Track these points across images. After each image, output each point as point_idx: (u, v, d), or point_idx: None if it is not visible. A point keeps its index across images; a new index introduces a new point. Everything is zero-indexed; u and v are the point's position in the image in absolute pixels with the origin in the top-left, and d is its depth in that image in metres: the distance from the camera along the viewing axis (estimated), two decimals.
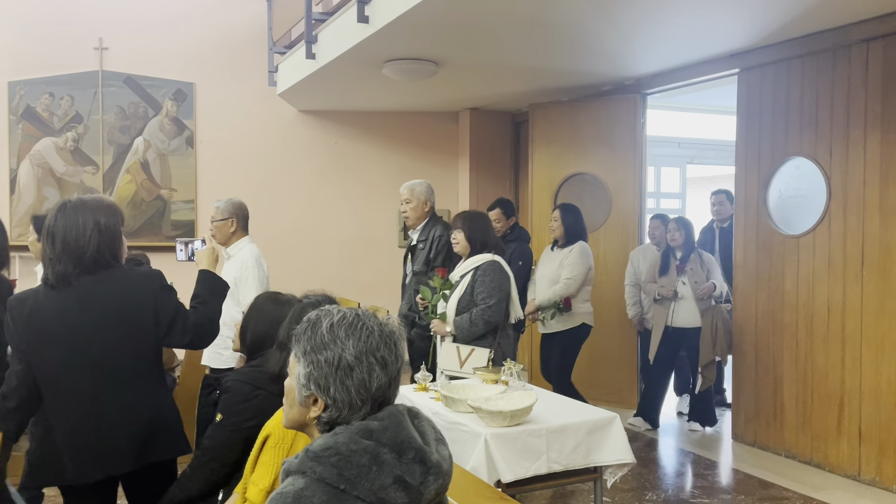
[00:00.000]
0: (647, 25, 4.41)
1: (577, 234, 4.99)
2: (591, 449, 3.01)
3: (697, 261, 5.26)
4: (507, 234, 5.10)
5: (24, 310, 2.32)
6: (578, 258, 4.90)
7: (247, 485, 1.93)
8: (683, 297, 5.23)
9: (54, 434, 2.31)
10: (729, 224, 5.87)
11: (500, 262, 3.83)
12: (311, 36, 5.50)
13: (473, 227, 3.88)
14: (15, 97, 6.62)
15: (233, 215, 3.98)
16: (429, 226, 4.41)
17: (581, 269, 4.88)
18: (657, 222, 5.83)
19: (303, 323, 1.45)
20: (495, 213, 5.10)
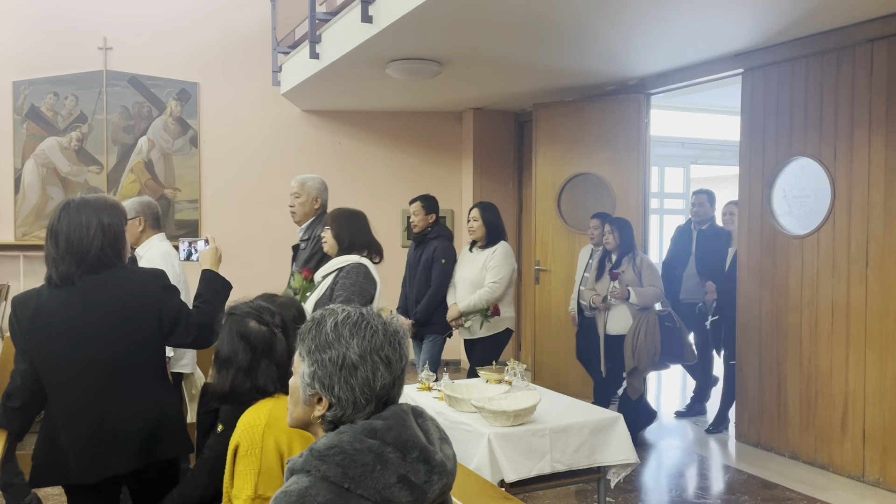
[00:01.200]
0: (651, 25, 4.40)
1: (498, 233, 4.72)
2: (594, 449, 3.01)
3: (630, 264, 4.99)
4: (427, 231, 4.90)
5: (27, 309, 2.32)
6: (503, 259, 4.61)
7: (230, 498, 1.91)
8: (614, 304, 4.96)
9: (58, 433, 2.32)
10: (709, 226, 5.76)
11: (367, 266, 3.53)
12: (315, 36, 5.51)
13: (342, 226, 3.58)
14: (19, 97, 6.64)
15: (140, 214, 3.80)
16: (314, 224, 4.14)
17: (507, 272, 4.60)
18: (596, 222, 5.49)
19: (308, 322, 1.46)
20: (415, 206, 4.93)
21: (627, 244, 5.07)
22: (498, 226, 4.75)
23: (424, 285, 4.81)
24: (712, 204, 5.84)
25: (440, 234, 4.92)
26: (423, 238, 4.95)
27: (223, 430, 2.14)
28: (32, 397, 2.36)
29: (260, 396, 1.99)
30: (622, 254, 5.05)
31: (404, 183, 7.54)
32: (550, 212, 6.40)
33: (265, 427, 1.85)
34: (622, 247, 5.06)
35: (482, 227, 4.70)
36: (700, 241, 5.78)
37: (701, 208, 5.79)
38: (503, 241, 4.71)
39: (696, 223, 5.85)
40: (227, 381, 2.01)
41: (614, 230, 5.09)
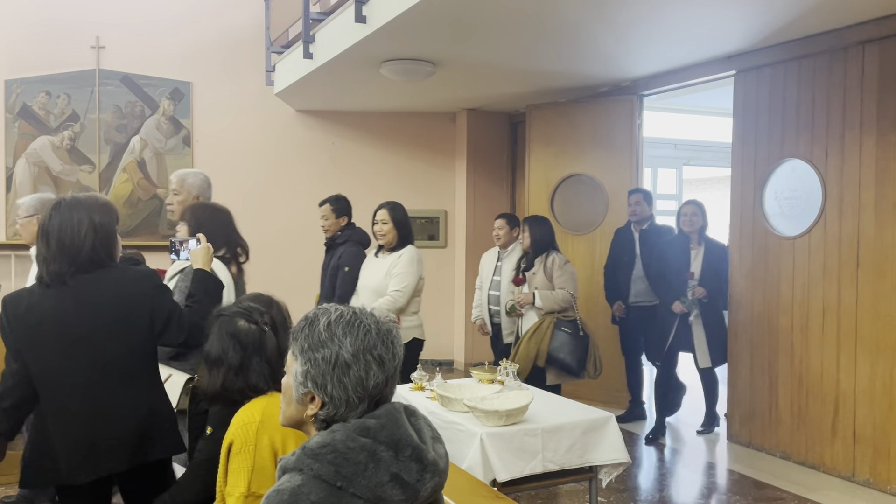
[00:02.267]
0: (643, 26, 4.42)
1: (406, 237, 4.35)
2: (586, 448, 3.02)
3: (541, 266, 4.66)
4: (337, 235, 4.67)
5: (19, 309, 2.31)
6: (408, 265, 4.21)
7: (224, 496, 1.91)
8: (524, 312, 4.70)
9: (49, 433, 2.31)
10: (649, 226, 5.53)
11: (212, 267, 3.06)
12: (309, 36, 5.50)
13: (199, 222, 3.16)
14: (11, 95, 6.62)
15: (39, 212, 3.70)
16: None
17: (412, 279, 4.20)
18: (501, 222, 5.18)
19: (301, 321, 1.46)
20: (324, 209, 4.69)
21: (541, 243, 4.72)
22: (407, 228, 4.38)
23: (331, 294, 4.55)
24: (649, 203, 5.58)
25: (350, 238, 4.64)
26: (332, 243, 4.71)
27: (213, 433, 2.14)
28: (23, 397, 2.35)
29: (252, 395, 1.99)
30: (535, 254, 4.72)
31: (398, 183, 7.54)
32: (544, 212, 6.40)
33: (259, 425, 1.85)
34: (535, 246, 4.71)
35: (392, 229, 4.31)
36: (644, 241, 5.51)
37: (638, 207, 5.50)
38: (410, 246, 4.32)
39: (636, 223, 5.56)
40: (217, 381, 2.01)
41: (526, 229, 4.76)
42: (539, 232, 4.72)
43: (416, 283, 4.25)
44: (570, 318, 4.53)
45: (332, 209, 4.71)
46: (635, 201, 5.54)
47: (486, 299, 5.14)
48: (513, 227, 5.12)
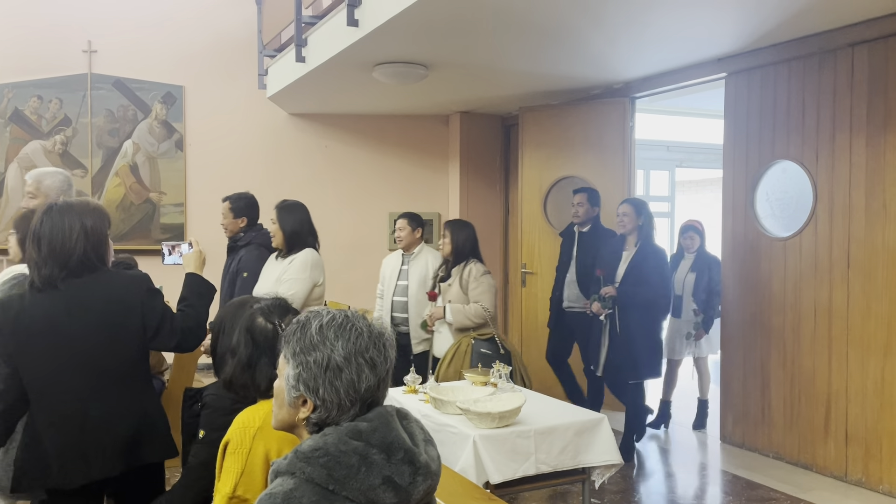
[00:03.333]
0: (635, 29, 4.44)
1: (300, 239, 3.93)
2: (579, 450, 3.03)
3: (458, 277, 4.25)
4: (238, 236, 4.32)
5: (10, 313, 2.31)
6: (299, 271, 3.80)
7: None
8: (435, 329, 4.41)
9: (41, 437, 2.31)
10: (590, 228, 5.20)
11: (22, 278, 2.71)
12: (301, 39, 5.50)
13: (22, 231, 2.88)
14: (3, 100, 6.59)
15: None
16: None
17: (302, 286, 3.79)
18: (402, 222, 4.82)
19: (292, 324, 1.46)
20: (223, 207, 4.39)
21: (462, 251, 4.26)
22: (301, 229, 3.93)
23: (228, 300, 4.18)
24: (594, 204, 5.21)
25: (252, 241, 4.28)
26: (234, 245, 4.36)
27: (205, 436, 2.14)
28: (15, 401, 2.35)
29: (255, 394, 1.99)
30: (454, 263, 4.28)
31: (391, 186, 7.55)
32: (537, 215, 6.43)
33: (257, 430, 1.85)
34: (456, 254, 4.27)
35: (279, 230, 3.95)
36: (581, 244, 5.24)
37: (580, 208, 5.16)
38: (308, 250, 3.90)
39: (578, 225, 5.26)
40: (229, 371, 2.01)
41: (447, 234, 4.30)
42: (461, 238, 4.28)
43: (309, 290, 3.82)
44: (487, 337, 4.04)
45: (229, 208, 4.34)
46: (578, 202, 5.19)
47: (390, 306, 4.79)
48: (415, 227, 4.72)
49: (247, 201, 4.40)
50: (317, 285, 3.89)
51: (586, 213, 5.19)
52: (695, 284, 5.47)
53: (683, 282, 5.54)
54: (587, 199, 5.20)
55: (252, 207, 4.41)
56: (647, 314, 4.69)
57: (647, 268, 4.67)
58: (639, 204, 4.88)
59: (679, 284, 5.55)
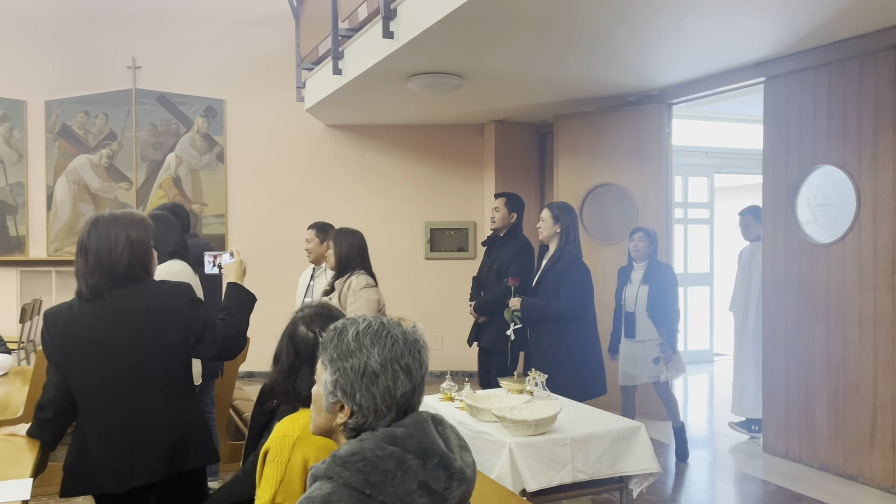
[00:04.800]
0: (671, 35, 4.41)
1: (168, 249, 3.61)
2: (616, 458, 3.00)
3: (339, 291, 3.88)
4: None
5: (59, 322, 2.38)
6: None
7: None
8: None
9: (88, 443, 2.37)
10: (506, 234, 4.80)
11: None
12: (338, 52, 5.59)
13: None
14: (52, 116, 6.82)
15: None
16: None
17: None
18: (311, 233, 4.47)
19: (329, 331, 1.49)
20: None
21: (346, 262, 3.88)
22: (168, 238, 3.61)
23: None
24: (513, 209, 4.81)
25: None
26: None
27: None
28: (64, 409, 2.42)
29: (296, 401, 2.02)
30: (338, 275, 3.92)
31: (426, 196, 7.60)
32: None
33: (296, 439, 1.88)
34: (339, 266, 3.89)
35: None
36: (493, 250, 4.92)
37: (496, 213, 4.84)
38: (174, 261, 3.61)
39: (496, 231, 4.93)
40: (273, 377, 2.06)
41: (330, 245, 3.94)
42: (344, 247, 3.87)
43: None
44: None
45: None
46: (494, 206, 4.85)
47: None
48: (324, 238, 4.35)
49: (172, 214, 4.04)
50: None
51: (502, 218, 4.76)
52: (649, 298, 4.81)
53: (636, 296, 4.88)
54: (505, 203, 4.79)
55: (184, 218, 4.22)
56: (561, 329, 4.16)
57: (557, 279, 4.19)
58: (560, 208, 4.36)
59: (631, 300, 4.91)
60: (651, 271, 4.90)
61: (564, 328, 4.16)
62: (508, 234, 4.79)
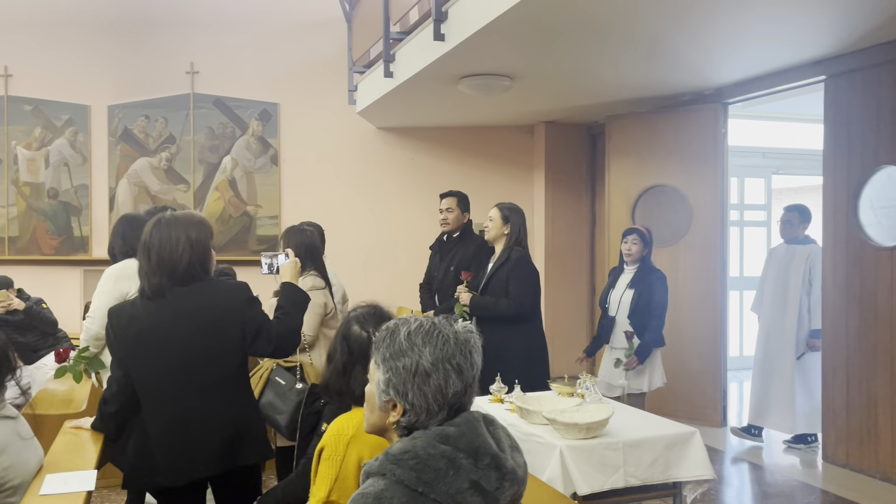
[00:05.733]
0: (726, 34, 4.33)
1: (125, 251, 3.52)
2: (669, 464, 2.96)
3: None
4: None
5: (122, 319, 2.47)
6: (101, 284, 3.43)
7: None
8: None
9: (149, 437, 2.45)
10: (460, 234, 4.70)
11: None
12: (389, 55, 5.65)
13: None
14: (114, 120, 7.05)
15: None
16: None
17: (100, 301, 3.37)
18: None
19: (382, 330, 1.51)
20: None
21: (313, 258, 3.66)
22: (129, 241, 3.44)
23: None
24: (465, 210, 4.71)
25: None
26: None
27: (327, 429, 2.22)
28: (127, 403, 2.50)
29: (350, 400, 2.05)
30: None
31: (476, 197, 7.55)
32: (625, 224, 6.32)
33: (351, 438, 1.90)
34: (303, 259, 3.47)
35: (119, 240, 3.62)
36: (447, 252, 4.79)
37: (449, 214, 4.70)
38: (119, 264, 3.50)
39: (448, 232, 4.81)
40: (327, 376, 2.10)
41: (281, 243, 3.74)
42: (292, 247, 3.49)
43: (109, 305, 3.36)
44: (290, 365, 3.31)
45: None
46: (446, 207, 4.66)
47: None
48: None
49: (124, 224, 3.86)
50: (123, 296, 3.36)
51: (455, 219, 4.62)
52: (632, 303, 4.54)
53: (620, 300, 4.63)
54: (457, 203, 4.65)
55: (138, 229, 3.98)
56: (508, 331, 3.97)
57: (505, 280, 4.05)
58: (510, 209, 4.18)
59: (614, 304, 4.67)
60: (640, 276, 4.61)
61: (512, 331, 3.99)
62: (462, 234, 4.66)
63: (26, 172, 6.96)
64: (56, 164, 7.00)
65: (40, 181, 6.98)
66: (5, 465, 2.02)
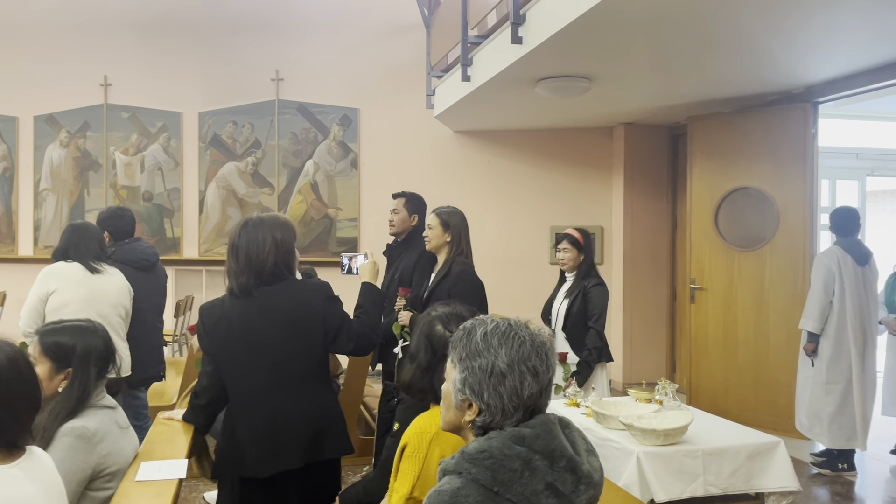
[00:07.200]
0: (815, 30, 4.16)
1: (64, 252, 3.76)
2: (752, 474, 2.88)
3: None
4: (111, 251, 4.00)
5: (212, 316, 2.59)
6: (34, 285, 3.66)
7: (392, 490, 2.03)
8: None
9: (237, 429, 2.55)
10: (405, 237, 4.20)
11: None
12: (467, 59, 5.69)
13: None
14: (204, 126, 7.37)
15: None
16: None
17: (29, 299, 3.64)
18: None
19: (458, 331, 1.53)
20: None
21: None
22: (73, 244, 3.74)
23: None
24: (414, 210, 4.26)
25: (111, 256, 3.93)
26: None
27: (398, 429, 2.27)
28: (216, 396, 2.61)
29: (433, 399, 2.09)
30: None
31: (553, 200, 7.56)
32: (707, 228, 6.16)
33: (434, 435, 1.93)
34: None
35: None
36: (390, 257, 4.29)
37: (395, 215, 4.28)
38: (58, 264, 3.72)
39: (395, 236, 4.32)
40: (409, 375, 2.14)
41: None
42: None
43: (36, 303, 3.64)
44: None
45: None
46: (392, 207, 4.28)
47: None
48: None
49: (107, 214, 4.21)
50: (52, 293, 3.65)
51: (400, 221, 4.20)
52: (566, 315, 4.12)
53: (557, 312, 4.21)
54: (404, 203, 4.23)
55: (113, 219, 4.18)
56: None
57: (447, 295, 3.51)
58: (449, 213, 3.79)
59: (554, 316, 4.24)
60: (576, 284, 4.16)
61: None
62: (408, 239, 4.20)
63: (123, 176, 7.36)
64: (150, 168, 7.38)
65: (136, 185, 7.37)
66: (104, 453, 2.15)
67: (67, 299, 3.63)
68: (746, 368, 5.63)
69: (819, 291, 4.70)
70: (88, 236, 3.80)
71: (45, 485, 1.74)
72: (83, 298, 3.62)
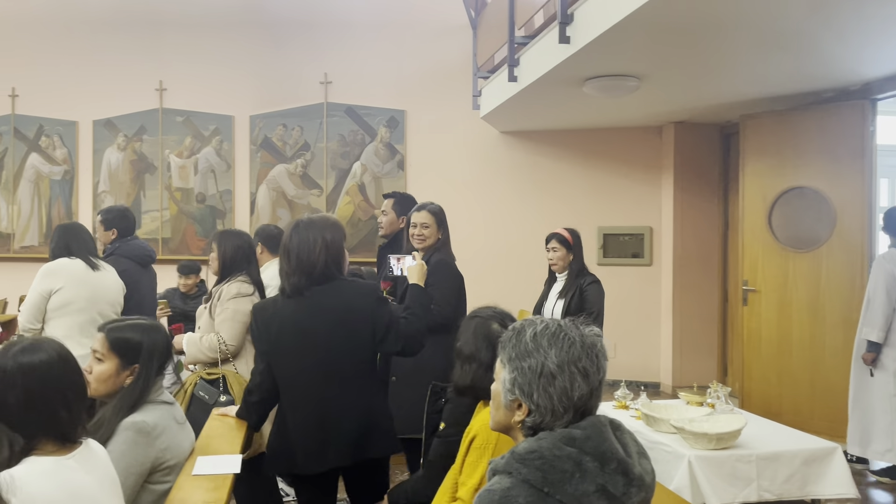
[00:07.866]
0: (872, 24, 4.03)
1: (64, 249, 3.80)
2: (807, 480, 2.81)
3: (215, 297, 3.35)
4: (106, 249, 4.09)
5: (265, 316, 2.65)
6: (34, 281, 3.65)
7: (455, 483, 2.05)
8: None
9: (288, 426, 2.60)
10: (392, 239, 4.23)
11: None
12: (514, 59, 5.68)
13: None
14: (255, 129, 7.52)
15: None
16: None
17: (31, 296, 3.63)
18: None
19: (508, 331, 1.54)
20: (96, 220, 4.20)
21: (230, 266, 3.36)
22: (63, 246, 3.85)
23: None
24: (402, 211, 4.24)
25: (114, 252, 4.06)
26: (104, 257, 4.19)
27: (445, 430, 2.29)
28: (268, 394, 2.67)
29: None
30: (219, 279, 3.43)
31: (600, 201, 7.48)
32: (760, 229, 6.03)
33: None
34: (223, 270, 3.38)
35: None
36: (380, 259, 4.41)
37: (384, 216, 4.33)
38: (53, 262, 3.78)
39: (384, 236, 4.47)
40: (468, 377, 2.18)
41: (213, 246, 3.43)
42: (229, 249, 3.34)
43: (38, 300, 3.64)
44: (213, 377, 3.09)
45: (100, 221, 4.24)
46: (382, 209, 4.28)
47: None
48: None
49: (115, 214, 4.30)
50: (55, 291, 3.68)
51: (389, 222, 4.20)
52: (562, 314, 4.05)
53: (552, 312, 4.19)
54: (393, 204, 4.22)
55: (119, 220, 4.27)
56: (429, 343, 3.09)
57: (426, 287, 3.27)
58: (440, 210, 3.85)
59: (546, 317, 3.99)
60: (570, 283, 4.14)
61: (432, 342, 3.09)
62: (396, 239, 4.18)
63: (178, 179, 7.55)
64: (204, 170, 7.55)
65: (190, 187, 7.55)
66: (163, 447, 2.22)
67: (71, 298, 3.73)
68: (801, 373, 5.49)
69: (882, 298, 4.51)
70: (83, 234, 3.97)
71: (100, 476, 1.80)
72: (86, 298, 3.76)
